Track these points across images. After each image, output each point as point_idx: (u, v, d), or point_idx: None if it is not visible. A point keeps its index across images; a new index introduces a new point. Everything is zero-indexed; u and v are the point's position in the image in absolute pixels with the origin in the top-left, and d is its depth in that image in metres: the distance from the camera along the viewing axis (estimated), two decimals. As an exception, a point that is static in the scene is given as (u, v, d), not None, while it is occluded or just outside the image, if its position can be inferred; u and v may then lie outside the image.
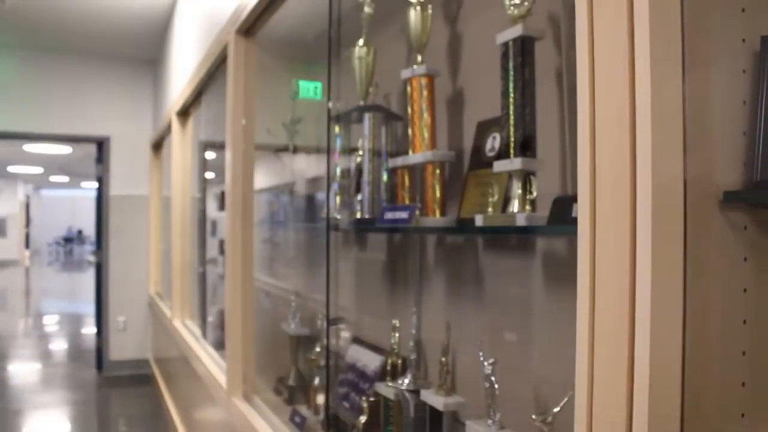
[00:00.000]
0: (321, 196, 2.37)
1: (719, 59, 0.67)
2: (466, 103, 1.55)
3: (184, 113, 4.28)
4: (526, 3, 1.13)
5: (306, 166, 3.84)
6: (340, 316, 1.71)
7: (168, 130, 4.94)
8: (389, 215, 1.45)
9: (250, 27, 2.44)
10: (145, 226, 6.12)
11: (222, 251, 3.72)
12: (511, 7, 1.15)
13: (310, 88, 3.30)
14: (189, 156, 4.37)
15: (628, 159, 0.63)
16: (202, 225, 4.24)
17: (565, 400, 1.03)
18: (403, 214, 1.39)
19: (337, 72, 1.87)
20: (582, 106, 0.69)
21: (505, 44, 1.14)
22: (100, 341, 6.12)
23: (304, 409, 2.18)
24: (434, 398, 1.35)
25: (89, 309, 8.01)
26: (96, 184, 6.28)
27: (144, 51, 5.91)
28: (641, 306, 0.61)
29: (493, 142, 1.35)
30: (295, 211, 2.54)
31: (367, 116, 1.63)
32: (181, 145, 4.36)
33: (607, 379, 0.65)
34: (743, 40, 0.68)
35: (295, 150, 2.40)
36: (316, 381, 2.19)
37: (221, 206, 4.53)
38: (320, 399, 2.15)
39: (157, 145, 5.95)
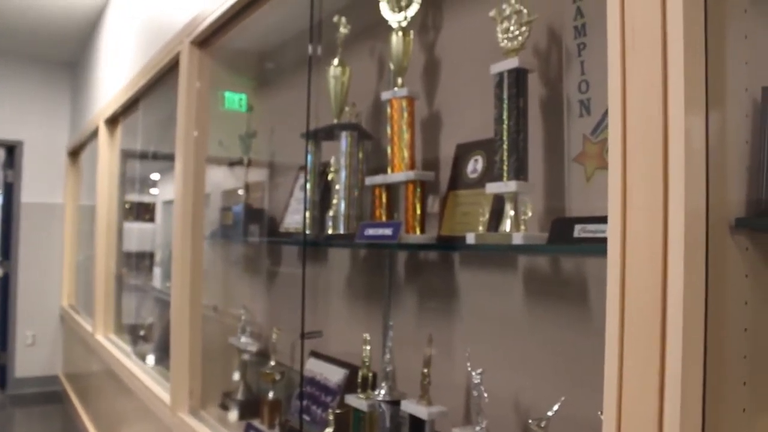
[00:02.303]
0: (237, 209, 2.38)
1: (729, 104, 0.78)
2: (439, 124, 1.63)
3: (113, 121, 4.15)
4: (519, 37, 1.22)
5: (223, 178, 3.83)
6: (317, 330, 1.73)
7: (91, 136, 4.76)
8: (370, 231, 1.50)
9: (206, 38, 2.42)
10: (59, 235, 5.83)
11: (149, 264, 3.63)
12: (505, 41, 1.24)
13: (235, 100, 3.31)
14: (116, 164, 4.23)
15: (661, 189, 0.72)
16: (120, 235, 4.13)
17: (558, 405, 1.11)
18: (387, 231, 1.45)
19: (306, 89, 1.91)
20: (614, 139, 0.77)
21: (500, 75, 1.23)
22: (5, 357, 5.74)
23: (257, 423, 2.18)
24: (417, 408, 1.40)
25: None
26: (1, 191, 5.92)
27: (63, 53, 5.66)
28: (673, 318, 0.70)
29: (475, 165, 1.43)
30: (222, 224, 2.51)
31: (344, 134, 1.67)
32: (109, 154, 4.21)
33: (638, 381, 0.73)
34: (746, 89, 0.79)
35: (250, 163, 2.40)
36: (270, 395, 2.18)
37: (131, 216, 4.41)
38: (275, 413, 2.15)
39: (75, 152, 5.69)
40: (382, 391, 1.54)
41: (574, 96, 1.10)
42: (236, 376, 2.45)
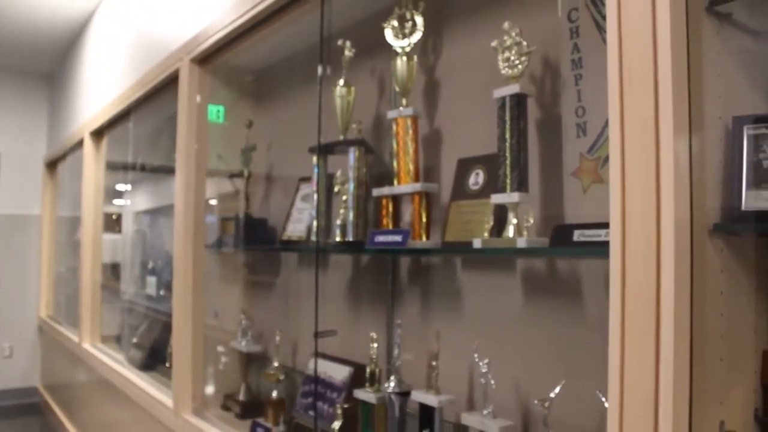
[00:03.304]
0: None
1: (707, 130, 0.95)
2: (435, 140, 1.79)
3: (99, 133, 4.22)
4: (519, 66, 1.39)
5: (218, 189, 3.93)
6: (331, 329, 1.86)
7: (73, 148, 4.80)
8: (380, 238, 1.65)
9: (207, 56, 2.54)
10: (35, 246, 5.82)
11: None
12: (506, 68, 1.41)
13: (213, 111, 3.43)
14: (102, 176, 4.30)
15: (654, 199, 0.88)
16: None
17: (559, 387, 1.27)
18: (397, 238, 1.60)
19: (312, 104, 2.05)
20: (614, 159, 0.94)
21: (503, 99, 1.39)
22: (-19, 370, 5.70)
23: (262, 422, 2.29)
24: (427, 397, 1.55)
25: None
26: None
27: (40, 65, 5.68)
28: (666, 305, 0.86)
29: (476, 178, 1.60)
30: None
31: (352, 149, 1.82)
32: (94, 165, 4.28)
33: (637, 358, 0.90)
34: (720, 117, 0.97)
35: (250, 176, 2.53)
36: (274, 394, 2.31)
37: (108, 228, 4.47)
38: (279, 411, 2.27)
39: (52, 164, 5.71)
40: (392, 384, 1.68)
41: (572, 119, 1.27)
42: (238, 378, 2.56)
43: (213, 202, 2.62)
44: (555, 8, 1.42)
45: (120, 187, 4.52)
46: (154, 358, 3.38)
